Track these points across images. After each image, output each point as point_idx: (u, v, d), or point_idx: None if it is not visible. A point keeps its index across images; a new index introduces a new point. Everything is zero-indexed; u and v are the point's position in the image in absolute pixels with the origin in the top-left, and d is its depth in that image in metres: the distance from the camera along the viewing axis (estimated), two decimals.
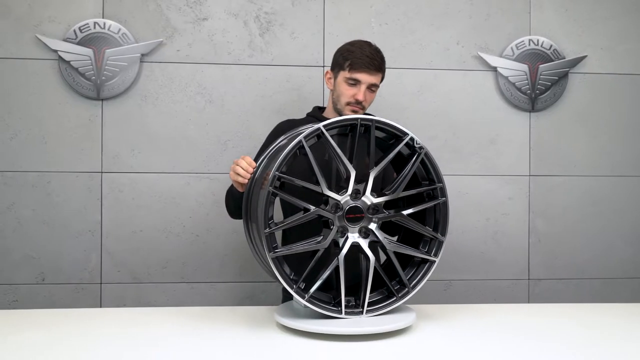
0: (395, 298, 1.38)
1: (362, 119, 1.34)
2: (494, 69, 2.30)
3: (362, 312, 1.34)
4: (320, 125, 1.31)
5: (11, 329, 1.35)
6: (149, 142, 2.19)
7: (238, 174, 1.46)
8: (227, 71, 2.21)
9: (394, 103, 2.28)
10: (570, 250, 2.35)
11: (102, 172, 2.17)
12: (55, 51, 2.13)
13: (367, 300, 1.34)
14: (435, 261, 1.41)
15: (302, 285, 1.35)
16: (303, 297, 1.31)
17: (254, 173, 1.43)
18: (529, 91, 2.30)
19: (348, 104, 1.63)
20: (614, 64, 2.35)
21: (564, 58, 2.32)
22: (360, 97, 1.61)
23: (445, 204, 1.42)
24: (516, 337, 1.32)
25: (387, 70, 2.24)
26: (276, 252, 1.30)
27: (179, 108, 2.20)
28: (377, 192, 1.39)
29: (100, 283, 2.17)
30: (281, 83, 2.23)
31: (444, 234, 1.41)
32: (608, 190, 2.36)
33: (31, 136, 2.14)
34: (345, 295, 1.38)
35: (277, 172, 1.29)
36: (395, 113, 2.28)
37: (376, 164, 1.37)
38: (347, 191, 1.34)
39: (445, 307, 1.61)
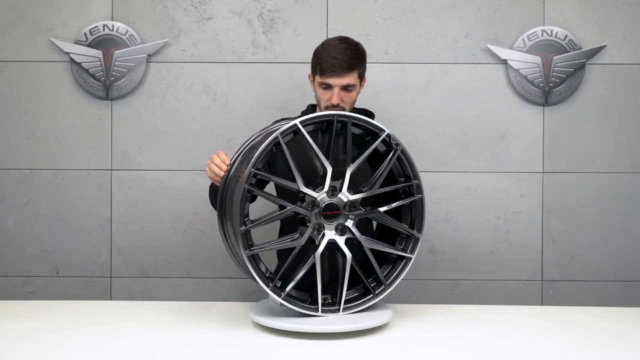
0: (371, 295, 1.37)
1: (338, 115, 1.33)
2: (504, 62, 2.21)
3: (338, 310, 1.33)
4: (297, 121, 1.30)
5: (28, 318, 1.44)
6: (156, 140, 2.24)
7: (213, 171, 1.47)
8: (231, 70, 2.24)
9: (399, 99, 2.23)
10: (587, 250, 2.24)
11: (111, 170, 2.24)
12: (67, 53, 2.21)
13: (343, 298, 1.33)
14: (411, 258, 1.40)
15: (279, 284, 1.35)
16: (279, 296, 1.31)
17: (229, 170, 1.44)
18: (542, 84, 2.20)
19: (326, 107, 1.62)
20: (636, 53, 2.21)
21: (580, 49, 2.20)
22: (334, 101, 1.58)
23: (421, 201, 1.40)
24: (526, 340, 1.28)
25: (392, 65, 2.23)
26: (252, 249, 1.30)
27: (185, 107, 2.24)
28: (354, 189, 1.38)
29: (110, 277, 2.25)
30: (284, 80, 2.23)
31: (420, 230, 1.40)
32: (629, 187, 2.23)
33: (46, 135, 2.24)
34: (323, 293, 1.37)
35: (252, 169, 1.29)
36: (401, 109, 2.24)
37: (353, 161, 1.36)
38: (323, 188, 1.33)
39: (447, 308, 1.58)
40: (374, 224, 1.57)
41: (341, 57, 1.56)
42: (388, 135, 1.38)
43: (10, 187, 2.23)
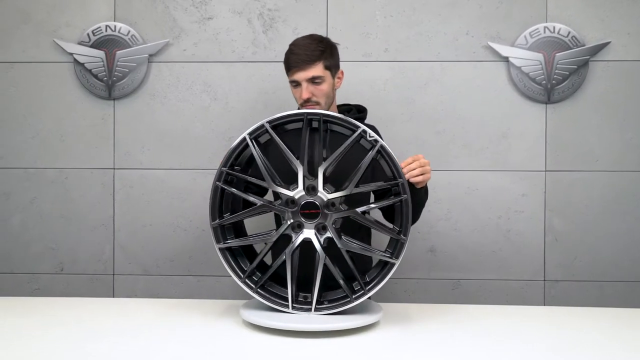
0: (349, 298, 1.33)
1: (309, 114, 1.33)
2: (506, 59, 2.19)
3: (310, 309, 1.32)
4: (264, 121, 1.32)
5: (33, 314, 1.47)
6: (158, 139, 2.27)
7: None
8: (231, 69, 2.25)
9: (399, 97, 2.22)
10: (591, 250, 2.20)
11: (114, 169, 2.27)
12: (71, 54, 2.24)
13: (315, 298, 1.32)
14: (394, 264, 1.32)
15: (257, 277, 1.37)
16: (252, 289, 1.34)
17: None
18: (544, 82, 2.17)
19: (302, 105, 1.62)
20: None
21: (584, 45, 2.16)
22: (304, 96, 1.59)
23: (406, 202, 1.33)
24: (527, 341, 1.26)
25: (392, 63, 2.22)
26: (226, 243, 1.34)
27: (186, 106, 2.26)
28: (337, 188, 1.37)
29: (113, 274, 2.28)
30: (283, 79, 2.21)
31: (405, 234, 1.32)
32: (633, 186, 2.19)
33: (50, 135, 2.27)
34: (306, 292, 1.37)
35: (224, 169, 1.34)
36: (401, 107, 2.23)
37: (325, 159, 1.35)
38: (297, 187, 1.34)
39: (447, 307, 1.56)
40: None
41: (302, 52, 1.57)
42: (364, 131, 1.32)
43: (16, 186, 2.27)
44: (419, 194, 1.49)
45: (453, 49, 2.22)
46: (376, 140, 1.32)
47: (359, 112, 1.77)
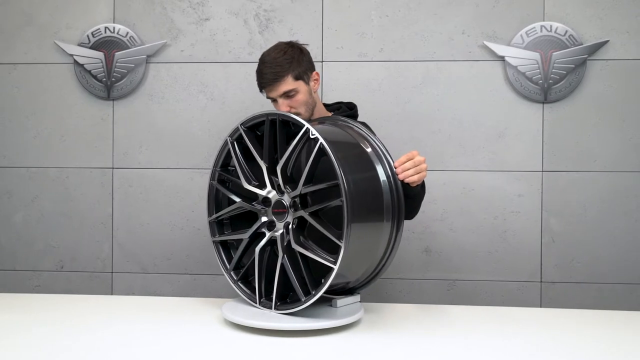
0: (303, 299, 1.29)
1: (270, 114, 1.35)
2: (502, 59, 2.17)
3: (271, 307, 1.33)
4: (238, 124, 1.36)
5: (34, 311, 1.50)
6: (156, 139, 2.30)
7: None
8: (228, 69, 2.27)
9: (394, 96, 2.22)
10: (589, 251, 2.17)
11: (113, 168, 2.31)
12: (71, 55, 2.29)
13: (274, 296, 1.32)
14: (333, 268, 1.22)
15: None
16: (233, 281, 1.40)
17: None
18: (540, 81, 2.15)
19: None
20: None
21: (581, 44, 2.14)
22: (283, 110, 1.59)
23: (344, 205, 1.20)
24: (523, 342, 1.23)
25: (388, 62, 2.22)
26: (219, 237, 1.41)
27: (183, 106, 2.29)
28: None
29: (112, 272, 2.31)
30: None
31: (340, 237, 1.22)
32: (633, 187, 2.15)
33: (51, 135, 2.32)
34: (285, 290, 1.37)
35: (217, 169, 1.38)
36: (396, 107, 2.22)
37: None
38: (266, 186, 1.36)
39: (441, 308, 1.55)
40: None
41: (268, 70, 1.57)
42: (307, 129, 1.26)
43: (18, 185, 2.33)
44: (415, 190, 1.46)
45: (449, 49, 2.21)
46: (316, 138, 1.25)
47: (350, 109, 1.77)
